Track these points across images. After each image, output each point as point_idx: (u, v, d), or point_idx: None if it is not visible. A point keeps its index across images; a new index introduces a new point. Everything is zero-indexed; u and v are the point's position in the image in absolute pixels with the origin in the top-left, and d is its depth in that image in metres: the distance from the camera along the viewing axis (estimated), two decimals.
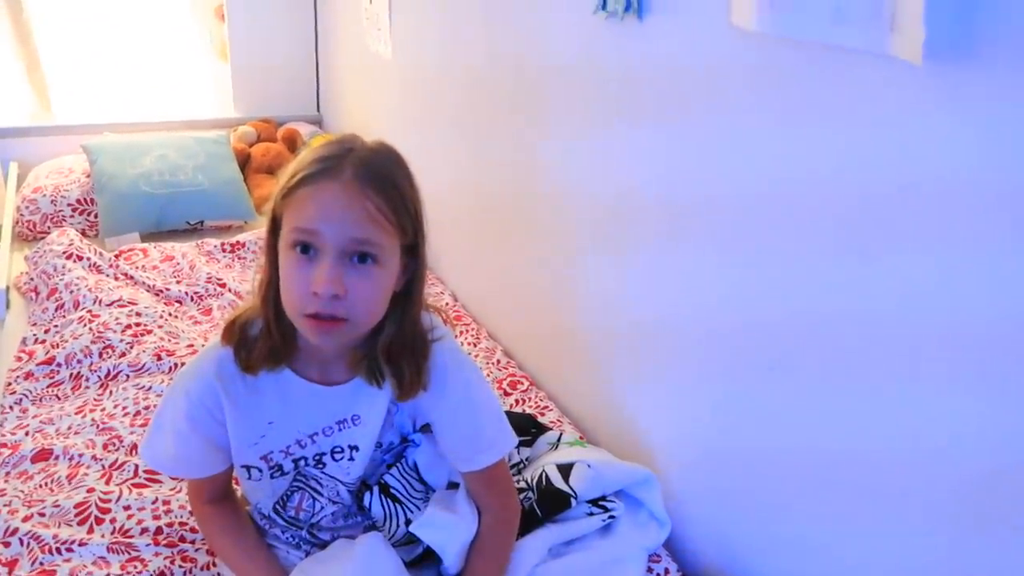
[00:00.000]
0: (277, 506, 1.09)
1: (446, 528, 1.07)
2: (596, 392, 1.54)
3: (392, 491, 1.09)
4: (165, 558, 1.17)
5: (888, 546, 0.94)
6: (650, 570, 1.23)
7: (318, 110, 3.26)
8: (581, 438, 1.47)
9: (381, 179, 0.93)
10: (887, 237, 0.89)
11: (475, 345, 1.89)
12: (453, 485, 1.15)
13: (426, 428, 1.11)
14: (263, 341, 0.98)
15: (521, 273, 1.80)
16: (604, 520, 1.21)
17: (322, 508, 1.08)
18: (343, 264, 0.90)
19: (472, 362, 1.13)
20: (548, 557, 1.17)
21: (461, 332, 1.95)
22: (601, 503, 1.23)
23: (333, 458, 1.05)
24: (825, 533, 1.04)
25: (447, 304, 2.09)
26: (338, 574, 0.98)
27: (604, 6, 1.30)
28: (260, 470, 1.04)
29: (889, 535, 0.94)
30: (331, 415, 1.03)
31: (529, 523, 1.17)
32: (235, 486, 1.17)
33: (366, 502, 1.09)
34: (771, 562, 1.15)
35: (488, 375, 1.75)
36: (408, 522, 1.08)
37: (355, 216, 0.90)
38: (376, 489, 1.09)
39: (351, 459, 1.06)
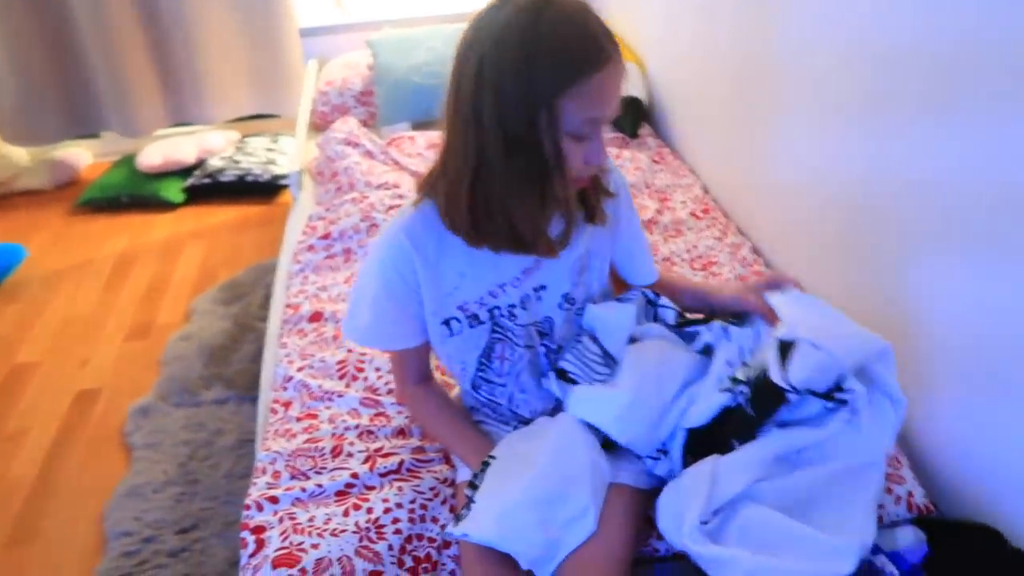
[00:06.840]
0: (482, 360, 1.11)
1: (594, 400, 1.05)
2: (846, 274, 1.39)
3: (569, 375, 1.09)
4: (405, 417, 1.29)
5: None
6: (889, 490, 1.10)
7: None
8: None
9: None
10: None
11: (721, 240, 1.79)
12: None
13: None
14: (476, 223, 0.98)
15: (772, 162, 1.65)
16: (846, 421, 0.99)
17: (520, 357, 1.11)
18: None
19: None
20: (774, 470, 0.98)
21: (708, 226, 1.86)
22: (836, 395, 0.99)
23: (523, 307, 1.08)
24: None
25: (696, 196, 1.99)
26: (538, 447, 1.00)
27: None
28: (459, 320, 1.07)
29: None
30: (516, 264, 1.05)
31: (742, 427, 1.01)
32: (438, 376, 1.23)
33: (546, 387, 1.11)
34: None
35: (731, 272, 1.66)
36: None
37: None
38: (552, 375, 1.09)
39: (539, 299, 1.09)
